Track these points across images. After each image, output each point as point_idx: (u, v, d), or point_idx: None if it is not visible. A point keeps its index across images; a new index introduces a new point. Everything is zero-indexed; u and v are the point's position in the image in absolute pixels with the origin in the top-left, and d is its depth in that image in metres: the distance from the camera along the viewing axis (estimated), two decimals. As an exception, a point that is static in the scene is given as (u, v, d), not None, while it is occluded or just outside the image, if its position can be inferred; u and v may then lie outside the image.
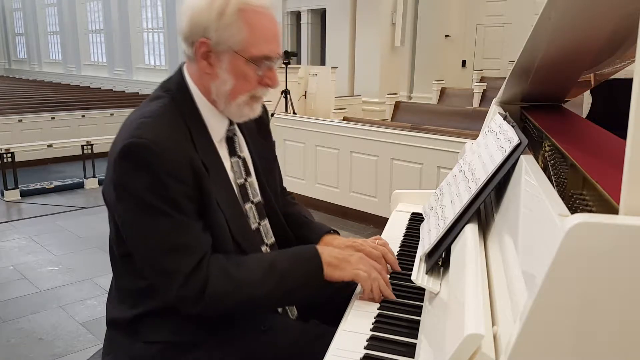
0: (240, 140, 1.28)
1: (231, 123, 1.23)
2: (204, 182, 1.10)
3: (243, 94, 1.15)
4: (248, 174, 1.26)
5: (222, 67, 1.12)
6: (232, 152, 1.24)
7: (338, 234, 1.37)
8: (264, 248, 1.26)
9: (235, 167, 1.23)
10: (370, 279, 1.12)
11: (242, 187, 1.24)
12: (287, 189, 1.53)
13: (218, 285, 1.07)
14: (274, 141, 1.41)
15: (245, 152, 1.28)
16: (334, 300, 1.23)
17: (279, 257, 1.17)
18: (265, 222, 1.29)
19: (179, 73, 1.19)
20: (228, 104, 1.16)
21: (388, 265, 1.25)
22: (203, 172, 1.10)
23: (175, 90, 1.17)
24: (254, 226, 1.25)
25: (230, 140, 1.24)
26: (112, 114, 7.59)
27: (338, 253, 1.16)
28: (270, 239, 1.30)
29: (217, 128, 1.19)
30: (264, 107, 1.40)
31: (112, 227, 1.17)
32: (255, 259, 1.15)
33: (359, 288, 1.16)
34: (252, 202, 1.26)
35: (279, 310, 1.29)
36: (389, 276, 1.22)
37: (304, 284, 1.13)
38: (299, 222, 1.38)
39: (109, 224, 1.18)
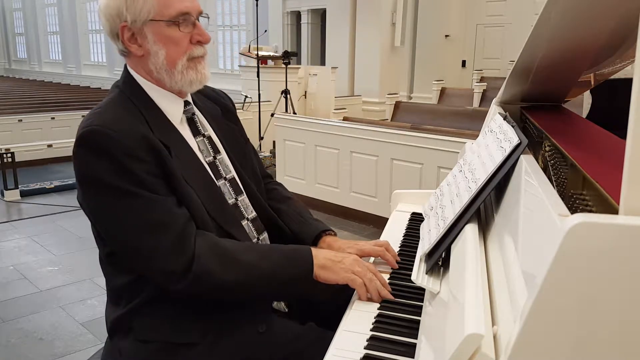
0: (202, 119, 1.29)
1: (187, 104, 1.24)
2: (165, 161, 1.11)
3: (180, 58, 1.16)
4: (216, 151, 1.28)
5: (149, 41, 1.15)
6: (196, 131, 1.25)
7: (335, 234, 1.37)
8: (244, 222, 1.27)
9: (202, 145, 1.25)
10: (366, 281, 1.12)
11: (212, 165, 1.25)
12: (287, 189, 1.52)
13: (206, 262, 1.07)
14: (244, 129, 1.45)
15: (210, 131, 1.29)
16: (333, 303, 1.23)
17: (273, 249, 1.18)
18: (243, 197, 1.29)
19: (124, 70, 1.21)
20: (171, 75, 1.17)
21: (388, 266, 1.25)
22: (163, 150, 1.11)
23: (122, 84, 1.20)
24: (231, 202, 1.25)
25: (191, 121, 1.25)
26: (112, 114, 7.58)
27: (333, 256, 1.16)
28: (250, 213, 1.30)
29: (172, 110, 1.21)
30: (227, 95, 1.45)
31: (94, 231, 1.18)
32: (247, 246, 1.16)
33: (358, 288, 1.16)
34: (225, 178, 1.26)
35: (274, 305, 1.29)
36: (388, 276, 1.22)
37: (293, 281, 1.13)
38: (292, 219, 1.38)
39: (92, 228, 1.19)
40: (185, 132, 1.22)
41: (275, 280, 1.12)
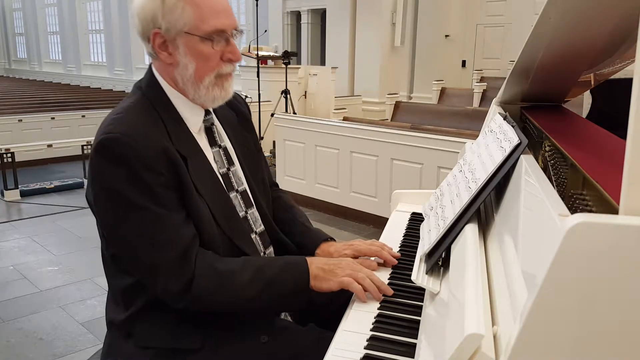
0: (219, 129, 1.28)
1: (207, 113, 1.23)
2: (181, 172, 1.10)
3: (208, 74, 1.15)
4: (231, 163, 1.27)
5: (180, 52, 1.13)
6: (212, 142, 1.24)
7: (334, 240, 1.37)
8: (253, 236, 1.26)
9: (217, 156, 1.24)
10: (359, 279, 1.12)
11: (226, 177, 1.24)
12: (287, 189, 1.53)
13: (205, 281, 1.07)
14: (259, 136, 1.42)
15: (225, 142, 1.28)
16: (332, 304, 1.23)
17: (269, 263, 1.16)
18: (253, 211, 1.29)
19: (149, 71, 1.20)
20: (196, 88, 1.16)
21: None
22: (179, 161, 1.10)
23: (145, 87, 1.18)
24: (241, 214, 1.24)
25: (209, 131, 1.24)
26: (112, 114, 7.59)
27: (325, 264, 1.16)
28: (259, 227, 1.29)
29: (192, 119, 1.20)
30: (244, 101, 1.42)
31: (100, 230, 1.18)
32: (244, 261, 1.15)
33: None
34: (237, 190, 1.26)
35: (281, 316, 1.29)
36: (388, 275, 1.22)
37: (290, 294, 1.13)
38: (297, 230, 1.38)
39: (97, 226, 1.18)
40: (203, 141, 1.21)
41: (273, 295, 1.12)
